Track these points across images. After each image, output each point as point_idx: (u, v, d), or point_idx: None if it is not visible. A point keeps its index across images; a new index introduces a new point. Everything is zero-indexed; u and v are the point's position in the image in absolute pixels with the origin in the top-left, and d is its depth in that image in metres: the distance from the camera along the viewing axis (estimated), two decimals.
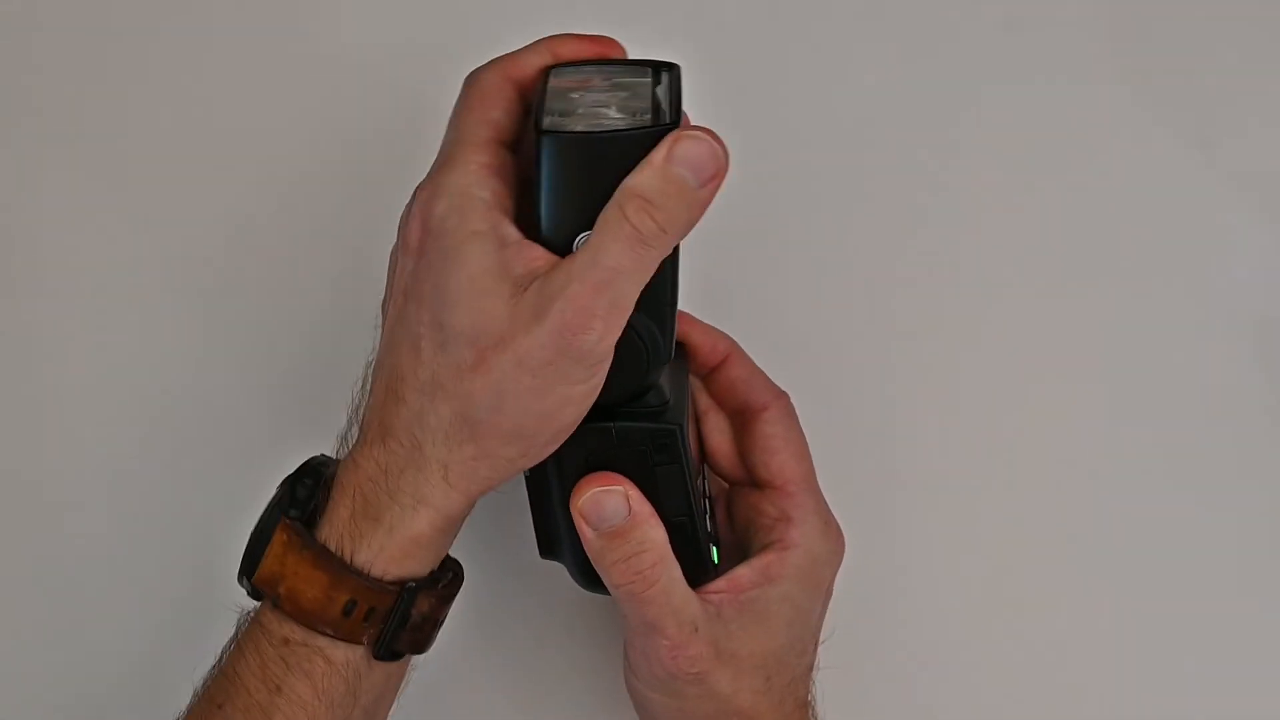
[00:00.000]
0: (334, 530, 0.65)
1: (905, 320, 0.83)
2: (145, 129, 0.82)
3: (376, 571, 0.65)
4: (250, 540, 0.67)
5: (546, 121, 0.63)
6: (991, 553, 0.81)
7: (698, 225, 0.63)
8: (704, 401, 0.74)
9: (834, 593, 0.72)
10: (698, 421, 0.74)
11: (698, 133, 0.61)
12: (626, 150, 0.62)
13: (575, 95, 0.64)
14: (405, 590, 0.65)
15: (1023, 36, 0.84)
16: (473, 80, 0.67)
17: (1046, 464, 0.82)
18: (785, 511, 0.71)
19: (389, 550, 0.65)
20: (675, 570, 0.67)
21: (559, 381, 0.62)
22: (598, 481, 0.66)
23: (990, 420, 0.82)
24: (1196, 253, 0.83)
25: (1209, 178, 0.83)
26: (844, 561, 0.72)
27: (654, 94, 0.64)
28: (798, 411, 0.74)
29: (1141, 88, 0.84)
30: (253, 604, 0.67)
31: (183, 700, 0.68)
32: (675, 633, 0.67)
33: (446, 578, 0.68)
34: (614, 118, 0.63)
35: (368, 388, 0.67)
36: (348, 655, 0.65)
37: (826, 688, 0.73)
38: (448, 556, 0.68)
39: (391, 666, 0.67)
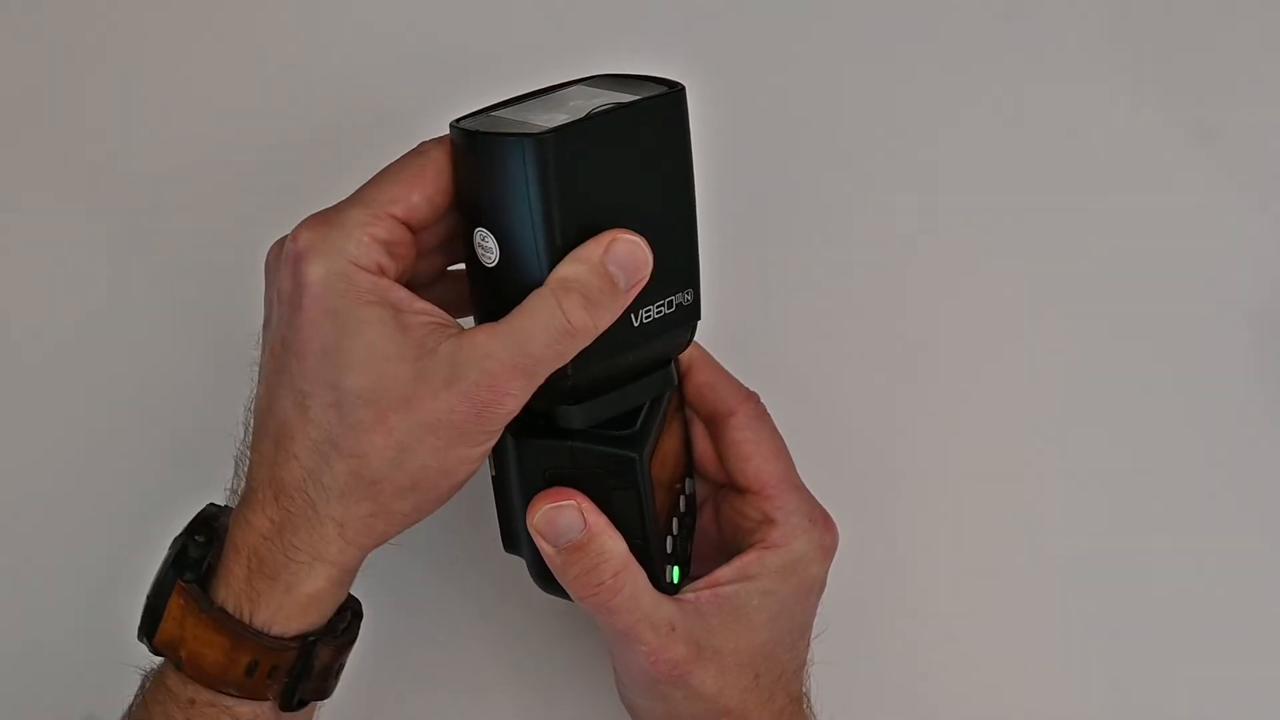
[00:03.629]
0: (231, 591, 0.65)
1: (903, 315, 0.83)
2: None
3: (276, 630, 0.65)
4: (147, 601, 0.67)
5: (466, 121, 0.64)
6: (987, 546, 0.81)
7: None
8: (688, 409, 0.74)
9: (827, 587, 0.72)
10: (687, 428, 0.74)
11: (634, 238, 0.62)
12: (494, 151, 0.62)
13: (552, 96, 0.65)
14: (305, 644, 0.66)
15: (1022, 28, 0.84)
16: (419, 152, 0.66)
17: (1042, 459, 0.83)
18: (767, 514, 0.71)
19: (287, 608, 0.65)
20: (641, 577, 0.67)
21: (461, 443, 0.63)
22: (550, 498, 0.66)
23: (987, 416, 0.83)
24: (1195, 248, 0.83)
25: (1209, 172, 0.83)
26: (838, 554, 0.72)
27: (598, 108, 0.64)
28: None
29: (1141, 81, 0.84)
30: (155, 661, 0.67)
31: None
32: (651, 637, 0.67)
33: (345, 621, 0.68)
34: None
35: (249, 436, 0.66)
36: (254, 711, 0.66)
37: (821, 681, 0.73)
38: (358, 602, 0.69)
39: (301, 713, 0.68)
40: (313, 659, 0.66)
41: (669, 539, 0.70)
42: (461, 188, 0.65)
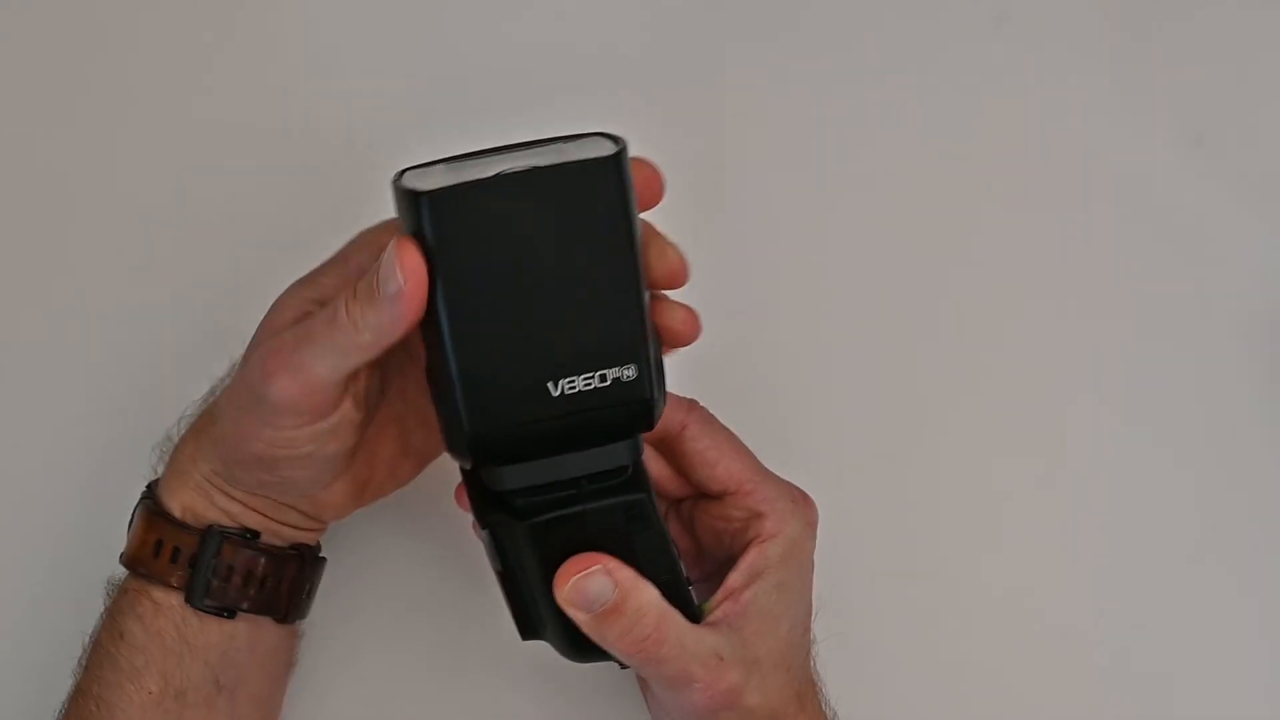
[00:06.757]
0: (159, 485, 0.72)
1: (899, 314, 0.83)
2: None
3: (177, 513, 0.70)
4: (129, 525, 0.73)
5: (408, 172, 0.64)
6: (978, 542, 0.82)
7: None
8: None
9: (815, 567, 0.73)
10: None
11: (391, 250, 0.62)
12: (396, 201, 0.64)
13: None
14: (209, 533, 0.70)
15: (1013, 32, 0.85)
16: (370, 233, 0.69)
17: (1039, 458, 0.83)
18: (751, 509, 0.71)
19: (178, 493, 0.71)
20: (678, 619, 0.68)
21: (249, 412, 0.67)
22: (575, 567, 0.66)
23: (983, 413, 0.83)
24: (1189, 251, 0.84)
25: (1205, 174, 0.84)
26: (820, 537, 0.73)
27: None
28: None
29: (1132, 85, 0.84)
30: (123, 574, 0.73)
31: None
32: (703, 673, 0.68)
33: (268, 543, 0.71)
34: None
35: None
36: (168, 599, 0.70)
37: (823, 659, 0.74)
38: (307, 546, 0.73)
39: (229, 628, 0.71)
40: (216, 554, 0.70)
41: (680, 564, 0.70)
42: None
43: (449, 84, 0.83)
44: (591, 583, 0.66)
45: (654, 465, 0.73)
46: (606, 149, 0.64)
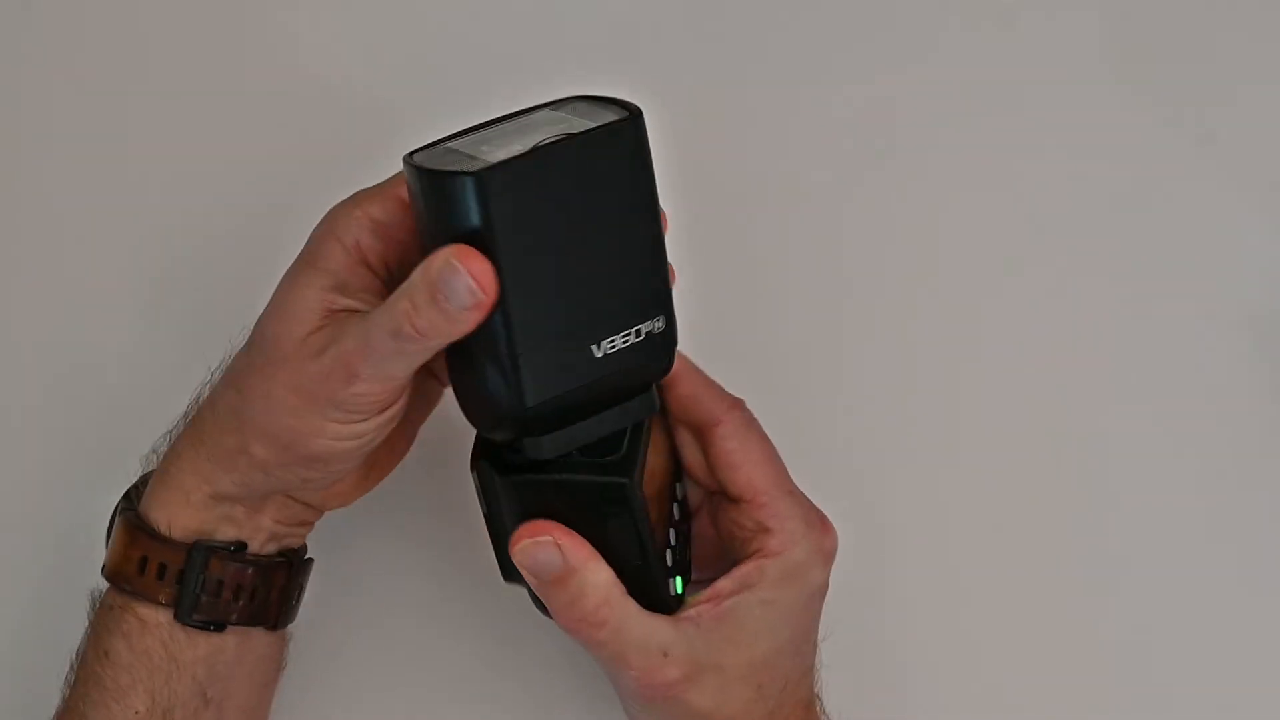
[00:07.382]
0: (144, 500, 0.71)
1: (899, 314, 0.83)
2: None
3: (163, 529, 0.69)
4: (107, 534, 0.73)
5: (419, 155, 0.64)
6: (987, 547, 0.82)
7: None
8: (671, 417, 0.73)
9: (830, 589, 0.72)
10: (671, 436, 0.73)
11: (458, 265, 0.61)
12: (437, 186, 0.63)
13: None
14: (195, 549, 0.69)
15: (1016, 32, 0.84)
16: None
17: (1045, 460, 0.82)
18: (761, 523, 0.70)
19: (171, 507, 0.69)
20: (628, 606, 0.67)
21: (314, 411, 0.66)
22: (529, 532, 0.67)
23: (990, 416, 0.82)
24: (1195, 250, 0.83)
25: (1208, 174, 0.83)
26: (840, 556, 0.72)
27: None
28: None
29: (1139, 84, 0.84)
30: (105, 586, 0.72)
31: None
32: (639, 661, 0.68)
33: (256, 552, 0.70)
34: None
35: None
36: (155, 616, 0.69)
37: (832, 684, 0.73)
38: (292, 549, 0.72)
39: (218, 641, 0.70)
40: (204, 569, 0.69)
41: (668, 552, 0.69)
42: (417, 216, 0.65)
43: (435, 70, 0.84)
44: (540, 551, 0.67)
45: (690, 453, 0.72)
46: (616, 111, 0.65)
